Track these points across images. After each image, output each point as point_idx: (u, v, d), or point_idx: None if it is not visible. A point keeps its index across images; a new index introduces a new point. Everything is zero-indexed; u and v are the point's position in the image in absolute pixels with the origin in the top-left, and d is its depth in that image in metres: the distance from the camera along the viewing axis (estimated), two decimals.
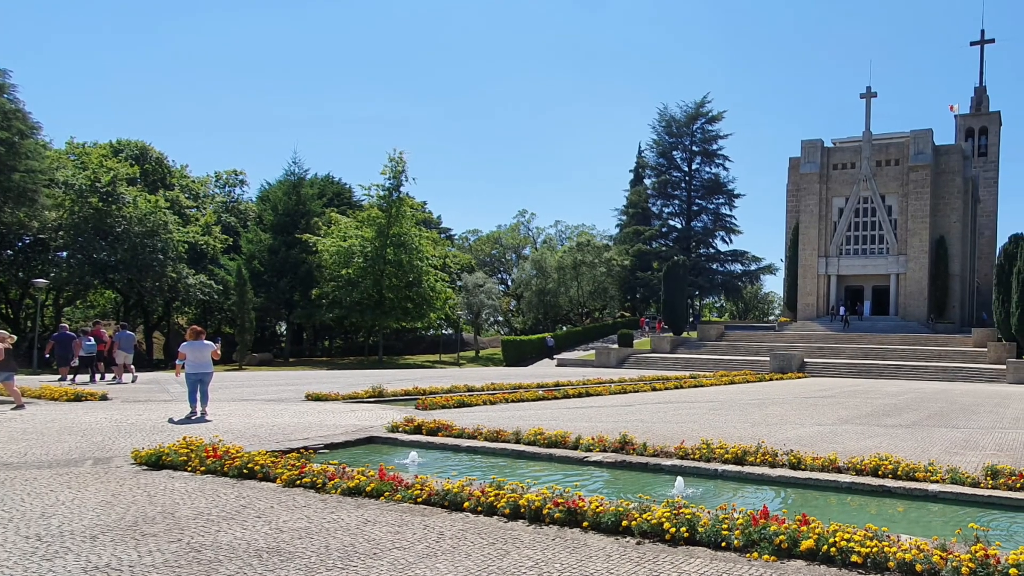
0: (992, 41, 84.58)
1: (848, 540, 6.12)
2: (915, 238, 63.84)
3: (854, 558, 5.95)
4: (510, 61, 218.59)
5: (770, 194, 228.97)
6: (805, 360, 49.35)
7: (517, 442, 12.53)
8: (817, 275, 67.87)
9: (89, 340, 25.95)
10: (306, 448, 11.48)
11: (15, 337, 17.26)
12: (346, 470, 8.86)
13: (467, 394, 22.47)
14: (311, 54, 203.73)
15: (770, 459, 10.79)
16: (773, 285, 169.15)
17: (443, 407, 18.72)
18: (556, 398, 23.00)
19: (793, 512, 7.04)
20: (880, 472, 9.96)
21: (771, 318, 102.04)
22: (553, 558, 6.05)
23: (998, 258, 50.97)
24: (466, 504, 7.63)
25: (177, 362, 15.76)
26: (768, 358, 48.82)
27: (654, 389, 27.94)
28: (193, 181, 70.22)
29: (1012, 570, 5.46)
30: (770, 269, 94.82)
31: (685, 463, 10.95)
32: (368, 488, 8.19)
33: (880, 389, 31.39)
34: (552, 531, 6.90)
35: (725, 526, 6.62)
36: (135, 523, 6.88)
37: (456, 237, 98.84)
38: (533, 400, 22.02)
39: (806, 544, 6.19)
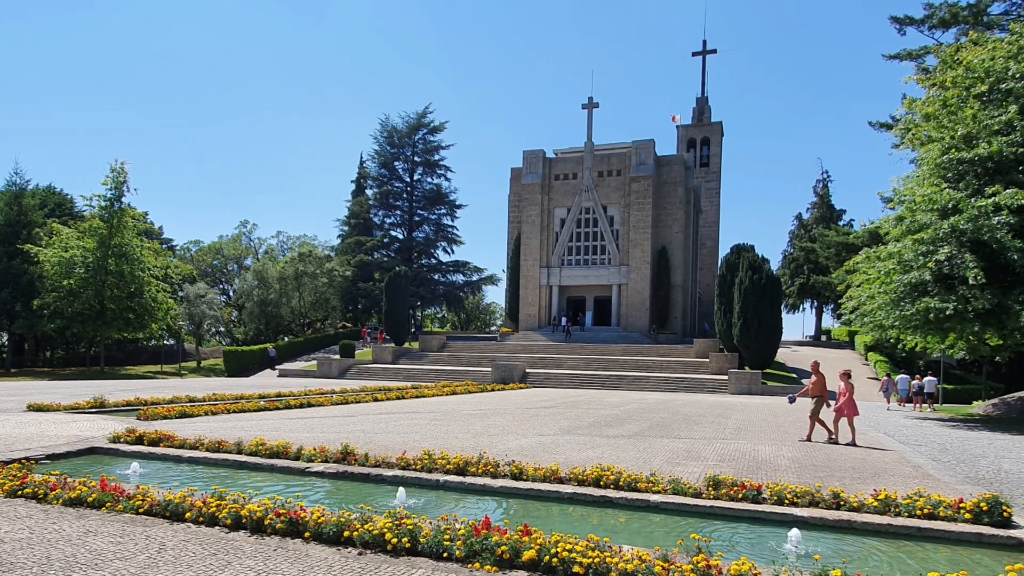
0: (714, 52, 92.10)
1: (570, 550, 6.48)
2: (637, 249, 68.74)
3: (576, 568, 6.28)
4: (231, 70, 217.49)
5: (493, 205, 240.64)
6: (527, 371, 51.91)
7: (239, 453, 13.04)
8: (539, 285, 71.59)
9: None
10: (27, 458, 12.11)
11: None
12: (68, 480, 9.37)
13: (189, 405, 23.64)
14: (31, 63, 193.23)
15: (492, 469, 11.24)
16: (495, 296, 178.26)
17: (165, 418, 20.04)
18: (278, 408, 24.12)
19: (515, 523, 7.30)
20: (602, 482, 10.68)
21: (493, 329, 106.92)
22: (275, 568, 6.40)
23: (720, 268, 56.16)
24: (188, 514, 8.08)
25: None
26: (490, 369, 50.91)
27: (376, 400, 28.69)
28: None
29: None
30: (492, 280, 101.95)
31: (407, 473, 11.30)
32: (90, 499, 8.71)
33: (602, 400, 33.68)
34: (274, 542, 7.32)
35: (447, 536, 6.84)
36: None
37: (178, 247, 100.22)
38: (255, 411, 23.11)
39: (528, 555, 6.47)
